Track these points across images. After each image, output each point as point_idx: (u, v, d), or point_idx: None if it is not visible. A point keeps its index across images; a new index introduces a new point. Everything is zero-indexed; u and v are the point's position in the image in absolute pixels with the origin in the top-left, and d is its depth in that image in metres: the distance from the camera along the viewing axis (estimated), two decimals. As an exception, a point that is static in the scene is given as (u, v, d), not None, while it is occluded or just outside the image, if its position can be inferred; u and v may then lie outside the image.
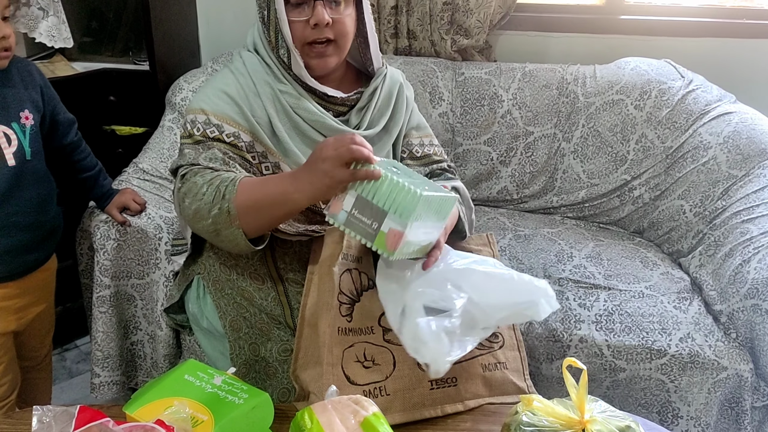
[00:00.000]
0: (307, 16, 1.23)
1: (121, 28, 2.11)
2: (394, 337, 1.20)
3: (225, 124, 1.27)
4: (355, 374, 1.16)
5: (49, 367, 1.68)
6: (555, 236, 1.91)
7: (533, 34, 2.25)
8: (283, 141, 1.29)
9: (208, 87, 1.32)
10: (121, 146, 2.04)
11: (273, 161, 1.30)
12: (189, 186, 1.21)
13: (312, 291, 1.22)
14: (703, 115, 1.93)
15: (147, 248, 1.61)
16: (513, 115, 2.07)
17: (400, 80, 1.42)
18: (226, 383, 1.06)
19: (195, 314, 1.45)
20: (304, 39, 1.24)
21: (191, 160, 1.24)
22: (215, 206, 1.16)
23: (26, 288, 1.45)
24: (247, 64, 1.31)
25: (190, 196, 1.20)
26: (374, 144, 1.37)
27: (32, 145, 1.38)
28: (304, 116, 1.30)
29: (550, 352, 1.58)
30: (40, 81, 1.44)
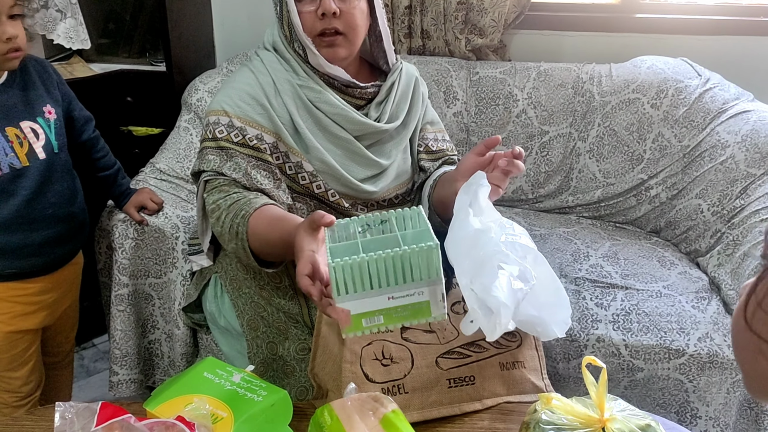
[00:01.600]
0: (316, 7, 1.24)
1: (138, 29, 2.13)
2: (412, 335, 1.20)
3: (248, 127, 1.28)
4: (374, 372, 1.16)
5: (71, 365, 1.71)
6: (571, 236, 1.90)
7: (548, 33, 2.25)
8: (305, 137, 1.30)
9: (229, 87, 1.32)
10: (137, 147, 2.05)
11: (295, 161, 1.31)
12: (212, 204, 1.26)
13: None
14: (720, 113, 1.91)
15: (164, 247, 1.62)
16: (528, 115, 2.07)
17: (416, 75, 1.43)
18: (245, 381, 1.06)
19: (212, 313, 1.46)
20: (314, 30, 1.25)
21: (216, 168, 1.26)
22: (232, 240, 1.22)
23: (57, 282, 1.50)
24: (266, 63, 1.32)
25: (214, 217, 1.25)
26: (393, 138, 1.39)
27: (58, 138, 1.42)
28: (326, 110, 1.30)
29: (567, 352, 1.57)
30: (56, 78, 1.47)
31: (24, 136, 1.36)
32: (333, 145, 1.33)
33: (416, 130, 1.44)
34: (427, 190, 1.38)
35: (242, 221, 1.19)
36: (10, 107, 1.35)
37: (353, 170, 1.35)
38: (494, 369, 1.23)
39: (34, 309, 1.46)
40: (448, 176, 1.30)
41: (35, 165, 1.37)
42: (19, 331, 1.45)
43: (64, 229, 1.46)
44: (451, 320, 1.24)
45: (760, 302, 0.57)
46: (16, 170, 1.35)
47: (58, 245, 1.46)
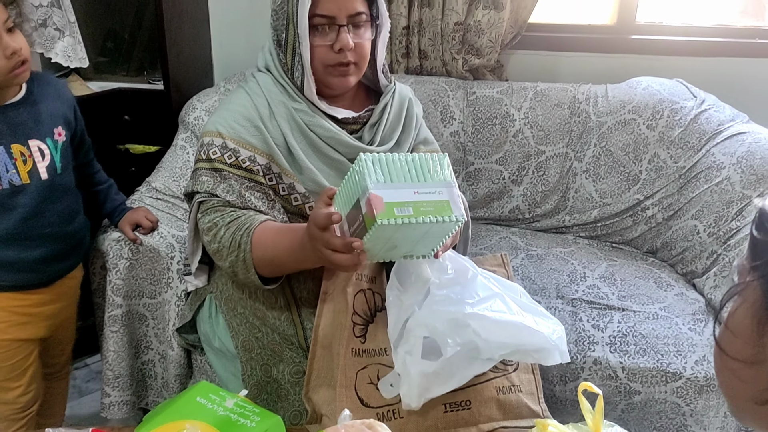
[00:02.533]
0: (331, 41, 1.25)
1: (136, 48, 2.13)
2: None
3: (241, 149, 1.28)
4: (369, 396, 1.15)
5: (67, 377, 1.71)
6: (568, 256, 1.90)
7: (544, 54, 2.26)
8: (299, 158, 1.31)
9: (224, 109, 1.33)
10: (134, 165, 2.05)
11: (288, 182, 1.31)
12: (209, 223, 1.27)
13: (325, 312, 1.22)
14: (716, 135, 1.92)
15: (159, 267, 1.62)
16: (525, 134, 2.07)
17: (409, 96, 1.45)
18: (238, 406, 1.05)
19: (207, 334, 1.45)
20: (327, 62, 1.27)
21: (209, 189, 1.27)
22: (232, 253, 1.22)
23: (57, 294, 1.50)
24: (262, 85, 1.33)
25: (210, 235, 1.26)
26: None
27: (62, 160, 1.42)
28: (320, 133, 1.32)
29: (563, 374, 1.56)
30: (72, 101, 1.49)
31: (30, 154, 1.36)
32: (326, 166, 1.34)
33: (409, 151, 1.45)
34: None
35: (246, 233, 1.21)
36: (19, 124, 1.36)
37: None
38: (490, 393, 1.23)
39: (32, 319, 1.46)
40: None
41: (36, 184, 1.37)
42: (17, 340, 1.45)
43: (61, 247, 1.46)
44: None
45: (725, 322, 0.57)
46: (15, 187, 1.35)
47: (55, 262, 1.46)
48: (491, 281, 1.21)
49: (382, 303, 1.25)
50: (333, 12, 1.23)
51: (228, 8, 2.28)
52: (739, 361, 0.54)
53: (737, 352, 0.55)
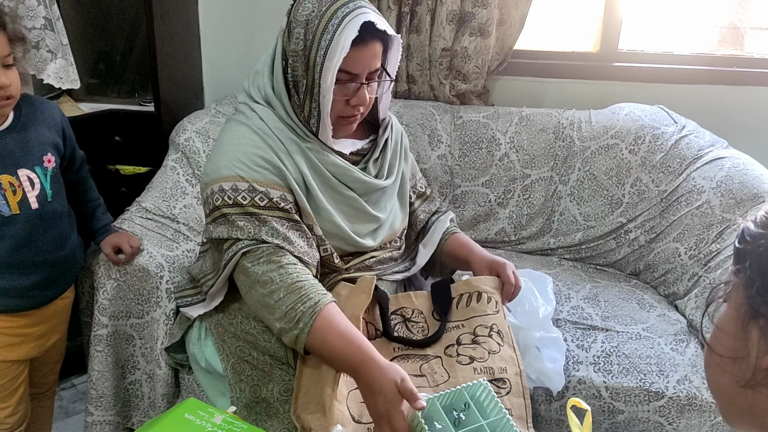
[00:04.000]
0: (349, 96, 1.26)
1: (128, 70, 2.16)
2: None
3: (270, 190, 1.26)
4: (361, 413, 1.17)
5: (52, 397, 1.70)
6: (552, 277, 1.92)
7: (530, 80, 2.31)
8: (317, 198, 1.31)
9: (235, 151, 1.28)
10: (124, 185, 2.06)
11: (307, 223, 1.30)
12: (262, 275, 1.22)
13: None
14: (696, 159, 1.97)
15: (148, 287, 1.62)
16: (510, 158, 2.11)
17: (401, 129, 1.50)
18: (226, 422, 1.06)
19: (195, 355, 1.46)
20: (340, 113, 1.28)
21: (253, 235, 1.23)
22: (288, 322, 1.18)
23: (46, 316, 1.49)
24: (267, 121, 1.30)
25: (266, 290, 1.21)
26: (386, 192, 1.43)
27: (53, 187, 1.42)
28: (333, 171, 1.32)
29: (548, 394, 1.58)
30: (62, 122, 1.48)
31: (19, 183, 1.35)
32: (340, 204, 1.35)
33: (404, 182, 1.51)
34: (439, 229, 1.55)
35: (309, 313, 1.17)
36: (7, 154, 1.35)
37: (358, 228, 1.39)
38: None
39: (23, 340, 1.46)
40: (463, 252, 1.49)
41: (25, 214, 1.37)
42: (7, 361, 1.44)
43: (54, 272, 1.46)
44: (443, 363, 1.26)
45: (711, 317, 0.63)
46: (4, 217, 1.34)
47: (47, 288, 1.46)
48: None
49: (375, 332, 1.29)
50: (358, 70, 1.24)
51: (219, 31, 2.32)
52: (726, 357, 0.61)
53: (725, 349, 0.61)
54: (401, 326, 1.32)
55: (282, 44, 1.28)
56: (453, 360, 1.28)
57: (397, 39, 1.32)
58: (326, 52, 1.20)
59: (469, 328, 1.34)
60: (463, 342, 1.32)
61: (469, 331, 1.33)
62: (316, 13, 1.22)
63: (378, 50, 1.26)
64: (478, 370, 1.29)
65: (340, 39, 1.19)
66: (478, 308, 1.36)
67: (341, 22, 1.19)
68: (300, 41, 1.23)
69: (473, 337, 1.33)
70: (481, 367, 1.30)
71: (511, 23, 2.19)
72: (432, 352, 1.30)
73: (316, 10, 1.22)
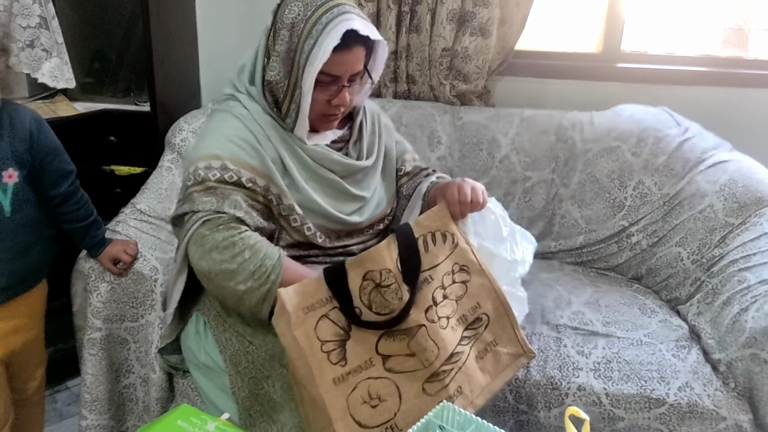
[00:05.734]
0: (330, 96, 1.31)
1: (123, 69, 2.14)
2: (395, 363, 1.21)
3: (242, 170, 1.30)
4: (365, 417, 1.17)
5: (41, 403, 1.67)
6: (553, 282, 1.90)
7: (531, 81, 2.28)
8: (295, 179, 1.35)
9: (216, 133, 1.34)
10: (119, 186, 2.04)
11: (287, 203, 1.34)
12: (222, 241, 1.25)
13: (292, 356, 1.19)
14: (699, 162, 1.94)
15: (143, 290, 1.60)
16: (511, 160, 2.09)
17: (376, 109, 1.55)
18: (219, 429, 1.04)
19: (193, 350, 1.44)
20: (320, 112, 1.34)
21: (214, 208, 1.27)
22: (256, 280, 1.23)
23: (12, 312, 1.45)
24: (250, 109, 1.35)
25: (226, 255, 1.24)
26: (369, 172, 1.48)
27: (14, 202, 1.37)
28: (312, 155, 1.37)
29: (547, 400, 1.56)
30: (32, 132, 1.40)
31: None
32: (321, 185, 1.39)
33: (389, 161, 1.53)
34: (423, 188, 1.51)
35: (278, 264, 1.24)
36: None
37: (341, 207, 1.42)
38: (473, 365, 1.25)
39: None
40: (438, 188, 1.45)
41: None
42: None
43: (12, 279, 1.42)
44: (428, 332, 1.22)
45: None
46: None
47: (5, 291, 1.42)
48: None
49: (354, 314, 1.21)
50: (340, 72, 1.29)
51: (216, 30, 2.30)
52: None
53: None
54: (375, 294, 1.22)
55: (266, 42, 1.33)
56: (436, 326, 1.24)
57: (383, 44, 1.36)
58: (308, 56, 1.25)
59: (438, 280, 1.28)
60: (438, 301, 1.27)
61: (439, 285, 1.28)
62: (302, 17, 1.27)
63: (361, 54, 1.31)
64: (454, 326, 1.27)
65: (322, 45, 1.24)
66: (438, 253, 1.30)
67: (324, 28, 1.24)
68: (284, 43, 1.29)
69: (443, 291, 1.29)
70: (455, 319, 1.28)
71: (512, 23, 2.17)
72: (415, 321, 1.22)
73: (302, 14, 1.27)
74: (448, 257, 1.32)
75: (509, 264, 1.45)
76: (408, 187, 1.56)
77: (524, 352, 1.36)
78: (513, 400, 1.57)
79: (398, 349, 1.21)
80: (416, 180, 1.56)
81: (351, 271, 1.21)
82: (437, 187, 1.46)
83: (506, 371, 1.33)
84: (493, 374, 1.31)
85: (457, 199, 1.32)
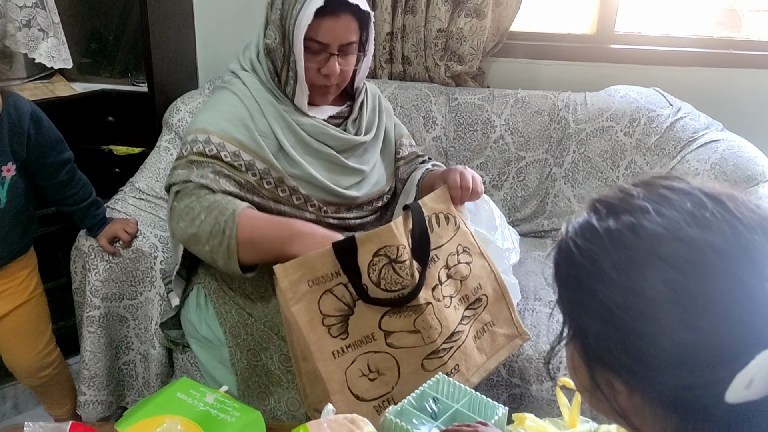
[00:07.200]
0: (320, 65, 1.32)
1: (121, 49, 2.14)
2: (396, 339, 1.22)
3: (227, 143, 1.32)
4: (362, 390, 1.18)
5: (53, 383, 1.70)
6: (546, 260, 1.93)
7: (525, 62, 2.29)
8: (290, 154, 1.36)
9: (211, 108, 1.37)
10: (117, 166, 2.05)
11: (275, 176, 1.36)
12: (184, 208, 1.27)
13: (290, 331, 1.21)
14: (690, 142, 1.96)
15: (142, 267, 1.62)
16: (505, 140, 2.11)
17: (377, 92, 1.56)
18: (218, 401, 1.07)
19: (194, 323, 1.46)
20: (312, 82, 1.34)
21: (183, 178, 1.29)
22: (214, 238, 1.24)
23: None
24: (249, 85, 1.37)
25: (187, 220, 1.26)
26: (368, 148, 1.49)
27: (9, 194, 1.41)
28: (309, 130, 1.38)
29: (539, 374, 1.59)
30: (29, 133, 1.43)
31: None
32: (318, 159, 1.40)
33: (388, 142, 1.55)
34: (418, 175, 1.53)
35: (230, 218, 1.23)
36: None
37: (339, 181, 1.43)
38: (471, 345, 1.28)
39: None
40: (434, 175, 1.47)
41: None
42: None
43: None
44: (434, 310, 1.25)
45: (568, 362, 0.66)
46: None
47: None
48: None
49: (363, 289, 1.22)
50: (327, 40, 1.30)
51: (213, 10, 2.29)
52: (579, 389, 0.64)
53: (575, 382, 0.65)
54: (387, 270, 1.22)
55: (266, 14, 1.36)
56: (441, 304, 1.27)
57: (370, 15, 1.37)
58: (296, 21, 1.27)
59: (443, 260, 1.31)
60: (442, 280, 1.30)
61: (444, 264, 1.31)
62: None
63: (351, 24, 1.32)
64: (456, 306, 1.30)
65: (306, 9, 1.26)
66: (442, 233, 1.33)
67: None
68: (278, 10, 1.31)
69: (447, 271, 1.32)
70: (458, 299, 1.31)
71: (507, 4, 2.17)
72: (423, 298, 1.24)
73: None
74: (452, 238, 1.35)
75: (501, 252, 1.49)
76: (403, 171, 1.58)
77: (519, 333, 1.39)
78: (506, 374, 1.60)
79: (402, 326, 1.23)
80: (412, 165, 1.58)
81: (362, 247, 1.21)
82: (434, 174, 1.48)
83: (501, 351, 1.37)
84: (489, 354, 1.34)
85: (460, 184, 1.34)
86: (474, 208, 1.46)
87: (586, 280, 0.58)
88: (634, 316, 0.54)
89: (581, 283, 0.58)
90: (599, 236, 0.58)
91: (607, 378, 0.58)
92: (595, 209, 0.60)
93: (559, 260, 0.62)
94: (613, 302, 0.55)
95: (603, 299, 0.56)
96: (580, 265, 0.58)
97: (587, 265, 0.58)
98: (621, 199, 0.59)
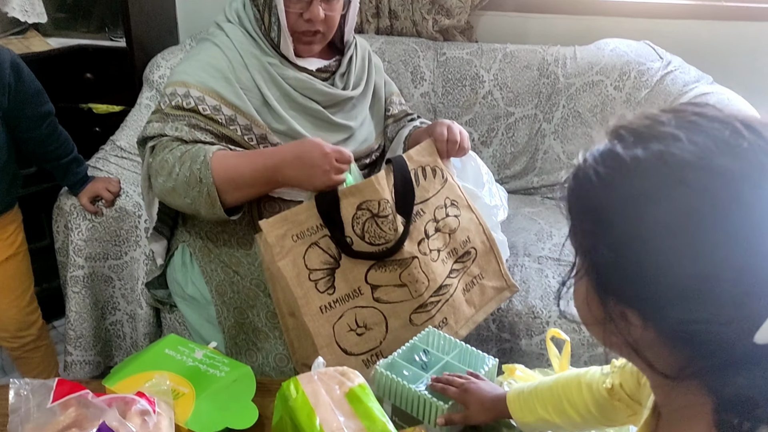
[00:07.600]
0: (302, 10, 1.27)
1: (97, 3, 2.07)
2: (384, 294, 1.22)
3: (207, 97, 1.27)
4: (351, 345, 1.18)
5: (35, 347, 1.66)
6: (535, 216, 1.92)
7: (514, 15, 2.25)
8: (274, 108, 1.31)
9: (192, 59, 1.32)
10: (98, 125, 2.01)
11: (259, 133, 1.31)
12: (159, 163, 1.24)
13: (275, 287, 1.20)
14: (681, 96, 1.95)
15: (126, 226, 1.60)
16: (494, 96, 2.08)
17: (367, 47, 1.52)
18: (207, 357, 1.05)
19: (180, 282, 1.44)
20: (295, 28, 1.29)
21: (158, 131, 1.26)
22: (193, 189, 1.20)
23: None
24: (232, 37, 1.32)
25: (164, 174, 1.23)
26: (356, 104, 1.45)
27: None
28: (294, 84, 1.34)
29: (529, 328, 1.59)
30: (10, 84, 1.39)
31: None
32: (303, 114, 1.36)
33: (377, 98, 1.51)
34: (405, 132, 1.49)
35: (203, 165, 1.19)
36: None
37: (325, 137, 1.37)
38: (460, 298, 1.29)
39: None
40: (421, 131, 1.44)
41: None
42: None
43: None
44: (420, 264, 1.24)
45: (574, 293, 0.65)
46: None
47: None
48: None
49: (346, 242, 1.22)
50: None
51: (192, -37, 2.23)
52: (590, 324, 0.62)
53: (585, 317, 0.63)
54: (370, 224, 1.21)
55: None
56: (427, 258, 1.26)
57: None
58: None
59: (429, 213, 1.30)
60: (429, 234, 1.29)
61: (431, 218, 1.30)
62: None
63: None
64: (444, 259, 1.29)
65: None
66: (429, 187, 1.32)
67: None
68: None
69: (435, 224, 1.30)
70: (446, 252, 1.30)
71: (495, -45, 2.12)
72: (408, 252, 1.24)
73: None
74: (439, 191, 1.33)
75: (489, 209, 1.47)
76: (392, 130, 1.55)
77: (507, 286, 1.38)
78: (496, 329, 1.60)
79: (388, 280, 1.22)
80: (401, 123, 1.55)
81: (344, 200, 1.20)
82: (420, 130, 1.45)
83: (490, 304, 1.37)
84: (478, 306, 1.34)
85: (446, 137, 1.32)
86: (461, 165, 1.44)
87: (605, 209, 0.55)
88: (652, 247, 0.52)
89: (599, 214, 0.56)
90: (625, 164, 0.54)
91: (621, 311, 0.56)
92: (619, 136, 0.57)
93: (576, 190, 0.59)
94: (632, 232, 0.53)
95: (622, 229, 0.54)
96: (601, 195, 0.56)
97: (608, 194, 0.55)
98: (648, 126, 0.56)
